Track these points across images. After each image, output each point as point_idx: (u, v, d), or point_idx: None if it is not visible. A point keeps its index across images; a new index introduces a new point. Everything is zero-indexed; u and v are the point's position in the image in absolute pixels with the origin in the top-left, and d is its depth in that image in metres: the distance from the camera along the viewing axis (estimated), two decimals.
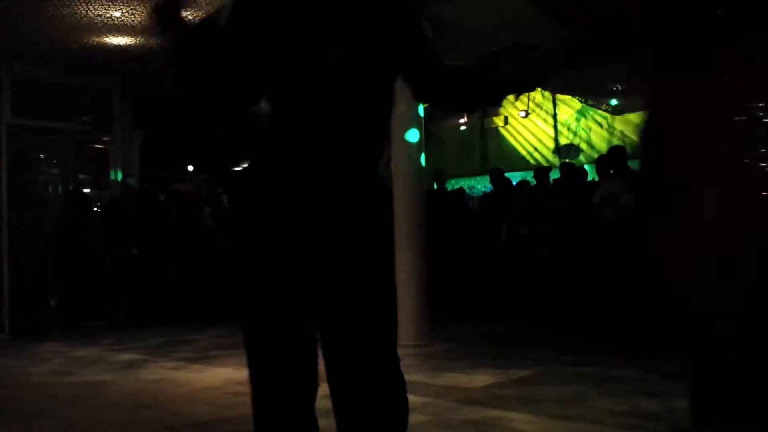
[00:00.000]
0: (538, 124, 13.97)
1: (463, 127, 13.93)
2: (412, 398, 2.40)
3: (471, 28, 6.89)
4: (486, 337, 7.33)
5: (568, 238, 7.53)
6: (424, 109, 7.14)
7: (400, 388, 2.13)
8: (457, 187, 10.80)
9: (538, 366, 5.71)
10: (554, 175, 9.19)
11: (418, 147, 7.08)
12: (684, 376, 5.15)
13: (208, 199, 9.91)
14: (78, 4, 7.48)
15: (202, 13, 2.26)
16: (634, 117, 12.72)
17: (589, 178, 9.02)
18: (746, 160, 2.23)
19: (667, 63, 2.40)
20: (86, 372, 6.08)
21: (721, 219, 2.27)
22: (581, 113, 13.38)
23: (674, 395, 4.29)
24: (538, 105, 13.71)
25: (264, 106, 2.08)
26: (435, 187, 10.13)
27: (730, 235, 2.25)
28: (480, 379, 5.23)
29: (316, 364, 2.14)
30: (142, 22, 8.02)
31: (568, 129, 13.61)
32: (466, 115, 13.19)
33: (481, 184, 11.82)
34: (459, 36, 6.47)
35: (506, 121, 14.13)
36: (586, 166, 9.78)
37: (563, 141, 13.62)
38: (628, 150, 7.56)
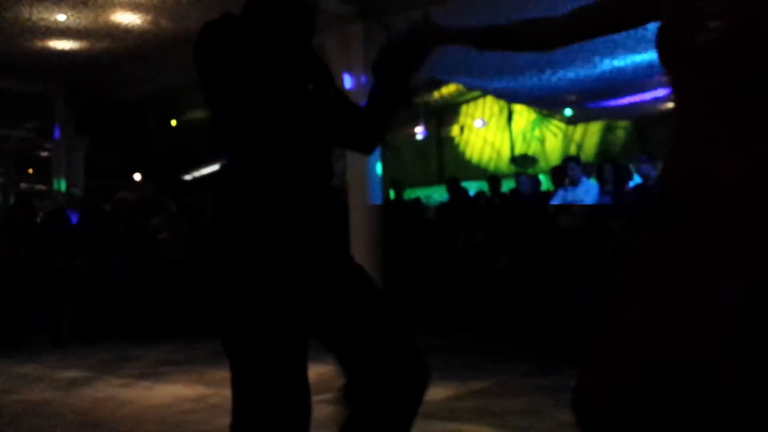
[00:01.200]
0: (494, 134, 14.03)
1: (419, 136, 13.90)
2: None
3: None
4: (444, 349, 7.24)
5: (524, 247, 7.51)
6: None
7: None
8: (414, 197, 10.73)
9: (497, 377, 5.64)
10: (510, 184, 9.20)
11: (374, 156, 6.97)
12: None
13: (156, 207, 9.64)
14: (22, 7, 7.25)
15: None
16: (590, 126, 12.88)
17: (544, 188, 9.05)
18: None
19: None
20: (29, 390, 5.83)
21: None
22: (537, 123, 13.47)
23: None
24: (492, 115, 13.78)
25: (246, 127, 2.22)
26: (392, 197, 10.05)
27: None
28: (438, 392, 5.10)
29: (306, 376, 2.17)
30: (88, 26, 7.80)
31: (524, 138, 13.69)
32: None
33: (438, 194, 11.77)
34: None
35: (462, 131, 14.16)
36: (540, 176, 9.81)
37: (519, 150, 13.69)
38: (582, 159, 7.59)
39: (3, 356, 7.55)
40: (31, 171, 10.21)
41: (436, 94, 13.00)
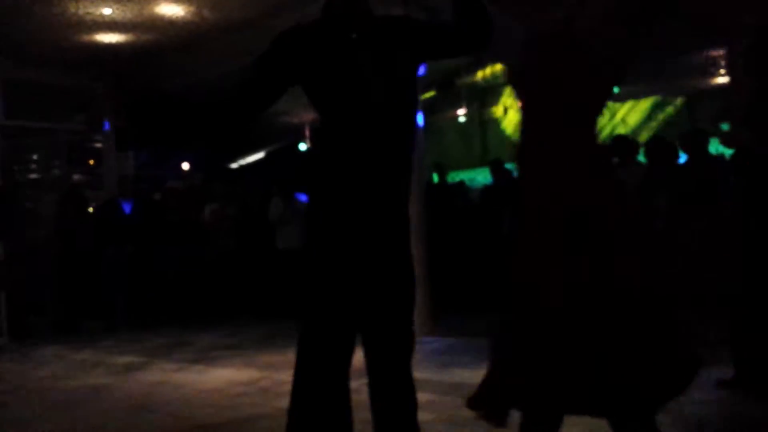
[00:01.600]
0: None
1: (462, 119, 13.80)
2: (419, 396, 2.42)
3: None
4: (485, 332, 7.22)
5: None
6: (422, 101, 7.03)
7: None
8: (458, 179, 10.70)
9: None
10: None
11: (421, 137, 6.94)
12: None
13: (207, 197, 9.78)
14: (68, 2, 7.39)
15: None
16: (638, 104, 12.65)
17: None
18: None
19: None
20: (86, 375, 6.00)
21: None
22: None
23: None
24: None
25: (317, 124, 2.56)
26: (436, 180, 10.03)
27: None
28: (478, 375, 5.12)
29: (351, 355, 2.52)
30: (133, 19, 7.92)
31: None
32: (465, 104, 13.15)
33: (482, 176, 11.70)
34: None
35: (506, 112, 14.02)
36: None
37: None
38: (631, 138, 7.46)
39: (61, 342, 7.79)
40: (92, 162, 10.43)
41: (479, 75, 12.89)
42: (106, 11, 7.66)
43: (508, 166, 9.65)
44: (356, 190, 2.43)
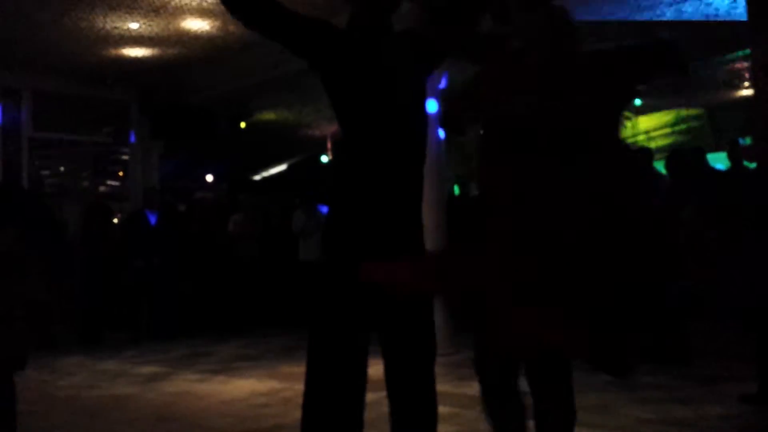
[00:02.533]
0: None
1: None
2: (439, 409, 2.41)
3: None
4: None
5: None
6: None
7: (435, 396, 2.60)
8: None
9: None
10: None
11: (443, 149, 6.95)
12: (717, 381, 5.03)
13: (232, 207, 9.86)
14: (96, 16, 7.51)
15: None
16: (660, 116, 12.59)
17: None
18: None
19: None
20: (110, 385, 6.07)
21: None
22: None
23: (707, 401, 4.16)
24: None
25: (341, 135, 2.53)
26: (457, 192, 10.04)
27: None
28: None
29: (366, 369, 2.48)
30: (159, 33, 8.03)
31: None
32: None
33: None
34: None
35: None
36: None
37: None
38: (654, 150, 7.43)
39: (85, 353, 7.87)
40: (121, 173, 10.55)
41: None
42: (134, 26, 7.79)
43: None
44: (378, 199, 2.44)
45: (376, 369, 2.48)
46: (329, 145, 13.29)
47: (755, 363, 4.46)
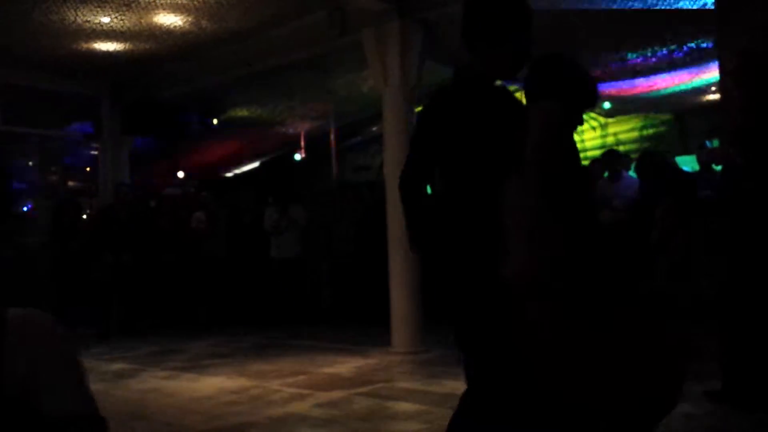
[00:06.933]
0: None
1: None
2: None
3: None
4: None
5: None
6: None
7: None
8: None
9: None
10: None
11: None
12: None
13: (200, 204, 9.81)
14: (67, 10, 7.42)
15: None
16: (628, 119, 12.75)
17: None
18: None
19: None
20: None
21: None
22: None
23: None
24: None
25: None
26: (429, 191, 10.07)
27: None
28: None
29: None
30: (131, 28, 7.96)
31: None
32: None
33: None
34: None
35: None
36: None
37: None
38: (622, 152, 7.52)
39: None
40: (88, 169, 10.42)
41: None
42: (105, 19, 7.70)
43: None
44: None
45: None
46: (302, 143, 13.25)
47: (719, 361, 4.54)
